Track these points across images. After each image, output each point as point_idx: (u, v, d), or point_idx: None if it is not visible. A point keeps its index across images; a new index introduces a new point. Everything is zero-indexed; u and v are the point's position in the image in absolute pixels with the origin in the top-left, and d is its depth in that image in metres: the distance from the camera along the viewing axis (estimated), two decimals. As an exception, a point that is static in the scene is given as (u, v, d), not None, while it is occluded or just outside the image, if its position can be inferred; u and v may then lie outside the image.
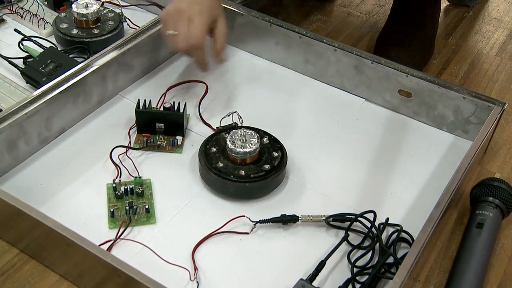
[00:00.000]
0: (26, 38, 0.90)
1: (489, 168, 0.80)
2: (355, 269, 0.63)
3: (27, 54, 0.88)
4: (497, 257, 0.68)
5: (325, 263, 0.63)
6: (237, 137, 0.71)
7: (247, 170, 0.70)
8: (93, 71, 0.79)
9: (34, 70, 0.83)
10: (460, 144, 0.81)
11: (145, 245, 0.64)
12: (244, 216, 0.67)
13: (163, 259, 0.63)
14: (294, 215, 0.67)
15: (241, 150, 0.69)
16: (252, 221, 0.67)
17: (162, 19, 0.79)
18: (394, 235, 0.66)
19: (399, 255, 0.65)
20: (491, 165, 0.80)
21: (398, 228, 0.67)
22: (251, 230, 0.67)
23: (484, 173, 0.79)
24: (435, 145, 0.81)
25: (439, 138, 0.82)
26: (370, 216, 0.67)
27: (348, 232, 0.66)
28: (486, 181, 0.71)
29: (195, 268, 0.62)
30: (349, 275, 0.63)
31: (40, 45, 0.89)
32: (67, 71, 0.77)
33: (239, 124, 0.77)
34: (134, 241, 0.65)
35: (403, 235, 0.67)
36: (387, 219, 0.68)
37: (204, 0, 0.78)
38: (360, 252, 0.65)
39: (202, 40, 0.77)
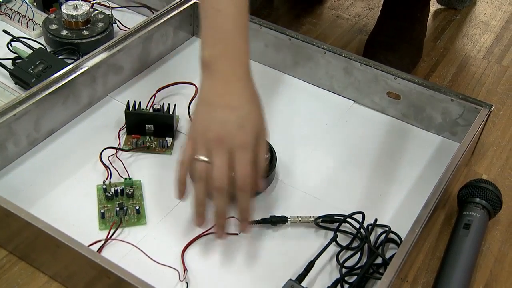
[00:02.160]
0: (15, 39, 0.90)
1: (477, 170, 0.81)
2: (343, 270, 0.64)
3: (16, 55, 0.87)
4: (484, 257, 0.68)
5: (314, 263, 0.63)
6: (227, 138, 0.71)
7: (236, 171, 0.70)
8: (82, 72, 0.78)
9: (23, 71, 0.83)
10: (448, 145, 0.82)
11: (135, 246, 0.64)
12: (233, 217, 0.68)
13: (153, 260, 0.63)
14: (283, 216, 0.68)
15: (231, 151, 0.70)
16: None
17: (189, 139, 0.61)
18: (383, 236, 0.67)
19: (387, 255, 0.65)
20: (478, 167, 0.81)
21: (387, 229, 0.67)
22: (240, 232, 0.67)
23: (472, 174, 0.80)
24: (423, 146, 0.82)
25: (427, 140, 0.83)
26: (359, 217, 0.68)
27: (337, 233, 0.67)
28: (473, 183, 0.72)
29: (185, 269, 0.62)
30: (338, 276, 0.63)
31: (29, 46, 0.89)
32: (56, 72, 0.77)
33: (229, 126, 0.77)
34: (124, 241, 0.65)
35: (392, 235, 0.67)
36: (376, 220, 0.68)
37: (249, 118, 0.60)
38: (349, 252, 0.66)
39: (249, 180, 0.60)
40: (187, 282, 0.61)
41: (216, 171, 0.59)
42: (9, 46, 0.88)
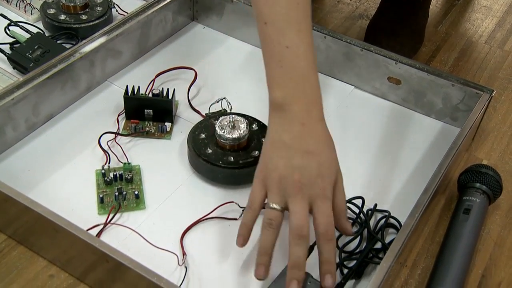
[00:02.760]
0: (12, 24, 0.89)
1: (477, 155, 0.80)
2: (343, 255, 0.64)
3: (14, 39, 0.87)
4: (483, 242, 0.68)
5: (313, 248, 0.63)
6: (226, 123, 0.71)
7: (236, 156, 0.70)
8: (81, 57, 0.78)
9: (21, 56, 0.82)
10: (448, 131, 0.81)
11: (134, 231, 0.64)
12: (233, 202, 0.67)
13: (152, 244, 0.63)
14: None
15: (230, 136, 0.69)
16: (241, 207, 0.67)
17: (260, 182, 0.58)
18: (382, 221, 0.67)
19: (387, 240, 0.65)
20: (479, 152, 0.81)
21: (386, 214, 0.67)
22: (240, 216, 0.67)
23: (472, 159, 0.79)
24: (423, 132, 0.81)
25: (427, 125, 0.82)
26: (359, 202, 0.68)
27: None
28: (473, 168, 0.71)
29: (184, 253, 0.62)
30: (337, 260, 0.63)
31: (27, 31, 0.88)
32: (54, 57, 0.76)
33: (228, 111, 0.77)
34: (123, 226, 0.65)
35: (391, 221, 0.67)
36: (375, 205, 0.68)
37: (328, 165, 0.57)
38: (349, 237, 0.65)
39: (332, 228, 0.56)
40: (186, 267, 0.61)
41: (297, 218, 0.55)
42: (7, 30, 0.88)
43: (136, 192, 0.68)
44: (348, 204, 0.67)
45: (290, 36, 0.57)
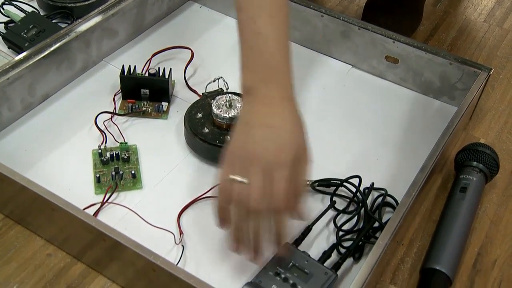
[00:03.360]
0: (7, 2, 0.88)
1: (474, 134, 0.80)
2: (340, 234, 0.64)
3: (8, 18, 0.86)
4: (480, 220, 0.69)
5: (311, 228, 0.63)
6: (223, 102, 0.70)
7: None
8: (76, 36, 0.77)
9: (16, 35, 0.82)
10: (446, 110, 0.81)
11: (131, 210, 0.64)
12: None
13: (148, 223, 0.63)
14: None
15: (227, 115, 0.69)
16: None
17: (225, 161, 0.57)
18: (379, 200, 0.67)
19: (384, 219, 0.65)
20: (476, 131, 0.81)
21: (383, 192, 0.67)
22: None
23: (469, 139, 0.79)
24: (421, 111, 0.81)
25: (425, 104, 0.82)
26: (355, 181, 0.68)
27: (334, 199, 0.66)
28: (470, 146, 0.71)
29: (181, 232, 0.62)
30: (335, 240, 0.63)
31: (22, 10, 0.87)
32: (50, 37, 0.76)
33: (225, 90, 0.77)
34: (120, 205, 0.65)
35: (388, 199, 0.67)
36: (372, 183, 0.68)
37: (289, 138, 0.56)
38: (346, 217, 0.66)
39: (285, 198, 0.55)
40: (183, 245, 0.61)
41: (253, 191, 0.54)
42: (1, 9, 0.87)
43: (133, 172, 0.68)
44: (345, 184, 0.67)
45: (261, 23, 0.58)
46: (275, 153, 0.54)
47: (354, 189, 0.67)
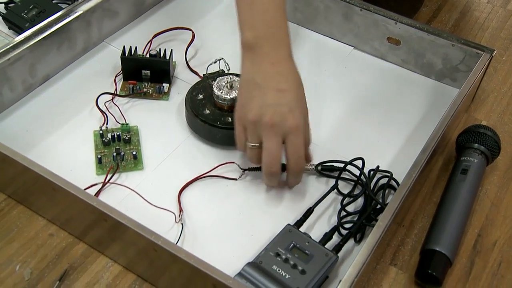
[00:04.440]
0: (7, -17, 0.88)
1: (476, 116, 0.80)
2: (342, 215, 0.64)
3: (8, -1, 0.86)
4: (480, 202, 0.69)
5: (313, 210, 0.63)
6: (224, 83, 0.70)
7: (233, 117, 0.69)
8: (77, 16, 0.77)
9: (16, 16, 0.81)
10: (448, 92, 0.81)
11: (132, 190, 0.64)
12: (233, 162, 0.67)
13: (149, 203, 0.63)
14: (283, 163, 0.67)
15: (228, 96, 0.69)
16: (242, 169, 0.67)
17: (239, 124, 0.62)
18: (382, 182, 0.67)
19: (387, 201, 0.65)
20: (478, 113, 0.80)
21: (388, 175, 0.67)
22: (240, 177, 0.67)
23: (471, 121, 0.79)
24: (423, 93, 0.81)
25: (427, 86, 0.82)
26: (359, 163, 0.67)
27: (338, 182, 0.66)
28: (472, 128, 0.71)
29: (180, 210, 0.63)
30: (336, 222, 0.63)
31: (22, -10, 0.87)
32: (50, 17, 0.75)
33: (226, 71, 0.76)
34: (121, 185, 0.65)
35: (392, 183, 0.67)
36: (377, 166, 0.68)
37: (298, 101, 0.60)
38: (348, 199, 0.65)
39: (303, 162, 0.62)
40: (182, 224, 0.61)
41: (268, 155, 0.60)
42: (2, -10, 0.87)
43: (134, 153, 0.68)
44: (349, 167, 0.67)
45: None
46: (289, 118, 0.58)
47: (358, 172, 0.67)
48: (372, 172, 0.68)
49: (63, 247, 0.61)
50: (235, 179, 0.67)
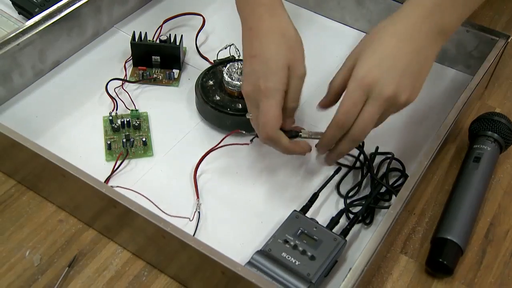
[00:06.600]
0: (17, -32, 0.87)
1: (490, 103, 0.79)
2: (348, 200, 0.64)
3: (19, -16, 0.85)
4: (493, 191, 0.68)
5: (317, 195, 0.63)
6: (234, 70, 0.70)
7: (244, 103, 0.68)
8: (87, 2, 0.77)
9: (26, 1, 0.81)
10: (461, 79, 0.80)
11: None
12: (243, 132, 0.66)
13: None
14: (295, 132, 0.63)
15: (238, 83, 0.68)
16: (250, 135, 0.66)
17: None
18: (386, 165, 0.66)
19: (391, 182, 0.65)
20: (492, 100, 0.79)
21: (390, 156, 0.67)
22: (251, 141, 0.65)
23: (485, 108, 0.78)
24: (436, 80, 0.79)
25: (440, 73, 0.81)
26: (366, 149, 0.67)
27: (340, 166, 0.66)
28: (485, 116, 0.70)
29: (197, 196, 0.62)
30: (342, 206, 0.63)
31: (32, -25, 0.86)
32: (60, 2, 0.75)
33: (236, 57, 0.76)
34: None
35: (395, 164, 0.66)
36: (377, 147, 0.68)
37: (273, 54, 0.58)
38: (353, 184, 0.65)
39: (275, 130, 0.58)
40: (199, 212, 0.61)
41: (254, 125, 0.61)
42: (12, -25, 0.86)
43: (144, 139, 0.68)
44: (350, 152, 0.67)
45: None
46: (260, 84, 0.57)
47: (362, 159, 0.67)
48: (372, 155, 0.67)
49: (73, 233, 0.61)
50: (247, 144, 0.66)
